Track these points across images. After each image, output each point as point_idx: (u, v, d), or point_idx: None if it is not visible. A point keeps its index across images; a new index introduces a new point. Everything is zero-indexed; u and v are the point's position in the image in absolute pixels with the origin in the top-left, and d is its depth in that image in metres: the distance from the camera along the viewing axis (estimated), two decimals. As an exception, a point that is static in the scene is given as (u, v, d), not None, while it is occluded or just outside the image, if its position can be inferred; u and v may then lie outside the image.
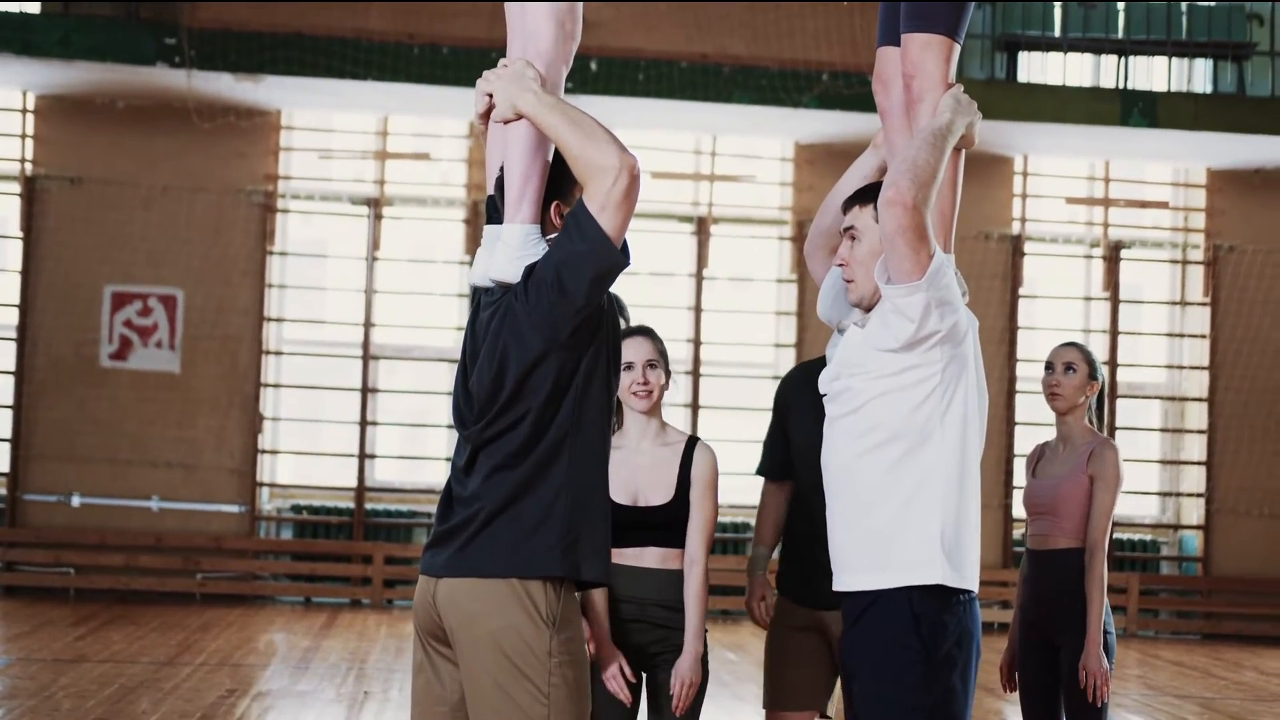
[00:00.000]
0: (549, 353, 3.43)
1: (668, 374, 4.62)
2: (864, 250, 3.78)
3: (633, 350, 4.54)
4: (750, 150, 13.97)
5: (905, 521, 3.65)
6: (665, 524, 4.54)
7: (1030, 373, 13.62)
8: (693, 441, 4.61)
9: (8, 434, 13.09)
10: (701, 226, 13.77)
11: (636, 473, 4.55)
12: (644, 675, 4.60)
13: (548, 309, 3.41)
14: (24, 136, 13.21)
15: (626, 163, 3.36)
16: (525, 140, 3.52)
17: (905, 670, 3.62)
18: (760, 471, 5.07)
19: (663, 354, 4.60)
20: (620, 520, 4.46)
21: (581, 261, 3.38)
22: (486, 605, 3.43)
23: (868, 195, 3.83)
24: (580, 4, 3.65)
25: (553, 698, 3.39)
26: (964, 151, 3.90)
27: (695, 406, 13.64)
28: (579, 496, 3.46)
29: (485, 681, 3.43)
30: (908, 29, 3.87)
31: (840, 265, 3.82)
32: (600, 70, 12.28)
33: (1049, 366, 5.37)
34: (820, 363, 4.46)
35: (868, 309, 3.80)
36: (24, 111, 13.21)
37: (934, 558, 3.63)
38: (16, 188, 13.21)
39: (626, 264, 3.44)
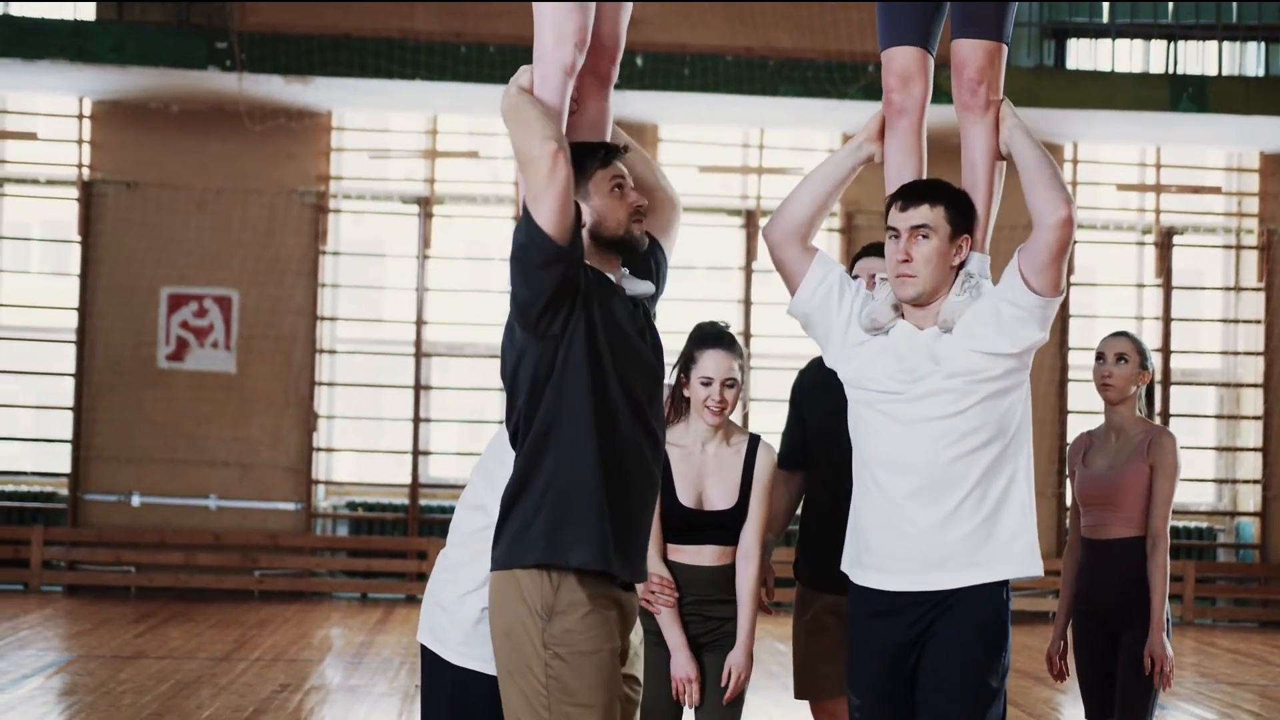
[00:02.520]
0: (526, 347, 3.46)
1: (745, 383, 4.64)
2: (931, 248, 3.82)
3: (713, 366, 4.51)
4: (798, 143, 13.96)
5: (1001, 518, 3.77)
6: (727, 525, 4.62)
7: (1083, 361, 13.53)
8: (755, 441, 4.67)
9: (68, 435, 13.30)
10: (750, 220, 13.78)
11: (701, 473, 4.60)
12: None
13: (512, 304, 3.47)
14: (80, 142, 13.40)
15: (547, 149, 3.35)
16: None
17: (994, 657, 3.76)
18: (781, 463, 5.11)
19: (742, 367, 4.59)
20: (683, 521, 4.56)
21: (523, 254, 3.39)
22: (496, 598, 3.51)
23: (937, 195, 3.84)
24: (591, 11, 3.63)
25: (550, 689, 3.39)
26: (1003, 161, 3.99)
27: (746, 399, 13.62)
28: (565, 486, 3.45)
29: (501, 672, 3.51)
30: (966, 34, 3.90)
31: (903, 261, 3.82)
32: (646, 66, 12.32)
33: (1100, 357, 5.36)
34: None
35: (924, 305, 3.83)
36: (80, 117, 13.41)
37: (1035, 551, 3.79)
38: (74, 193, 13.41)
39: (572, 253, 3.38)
